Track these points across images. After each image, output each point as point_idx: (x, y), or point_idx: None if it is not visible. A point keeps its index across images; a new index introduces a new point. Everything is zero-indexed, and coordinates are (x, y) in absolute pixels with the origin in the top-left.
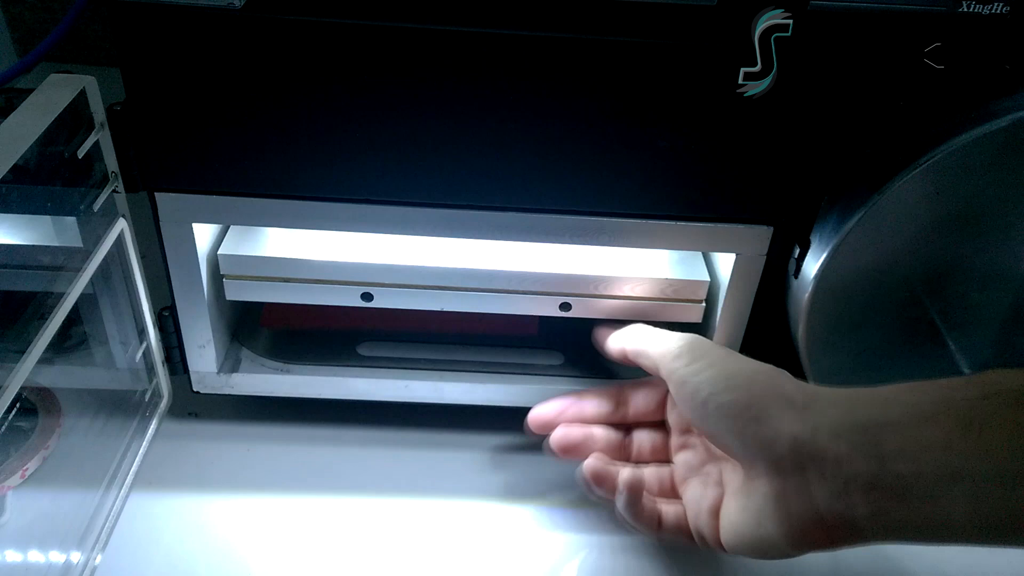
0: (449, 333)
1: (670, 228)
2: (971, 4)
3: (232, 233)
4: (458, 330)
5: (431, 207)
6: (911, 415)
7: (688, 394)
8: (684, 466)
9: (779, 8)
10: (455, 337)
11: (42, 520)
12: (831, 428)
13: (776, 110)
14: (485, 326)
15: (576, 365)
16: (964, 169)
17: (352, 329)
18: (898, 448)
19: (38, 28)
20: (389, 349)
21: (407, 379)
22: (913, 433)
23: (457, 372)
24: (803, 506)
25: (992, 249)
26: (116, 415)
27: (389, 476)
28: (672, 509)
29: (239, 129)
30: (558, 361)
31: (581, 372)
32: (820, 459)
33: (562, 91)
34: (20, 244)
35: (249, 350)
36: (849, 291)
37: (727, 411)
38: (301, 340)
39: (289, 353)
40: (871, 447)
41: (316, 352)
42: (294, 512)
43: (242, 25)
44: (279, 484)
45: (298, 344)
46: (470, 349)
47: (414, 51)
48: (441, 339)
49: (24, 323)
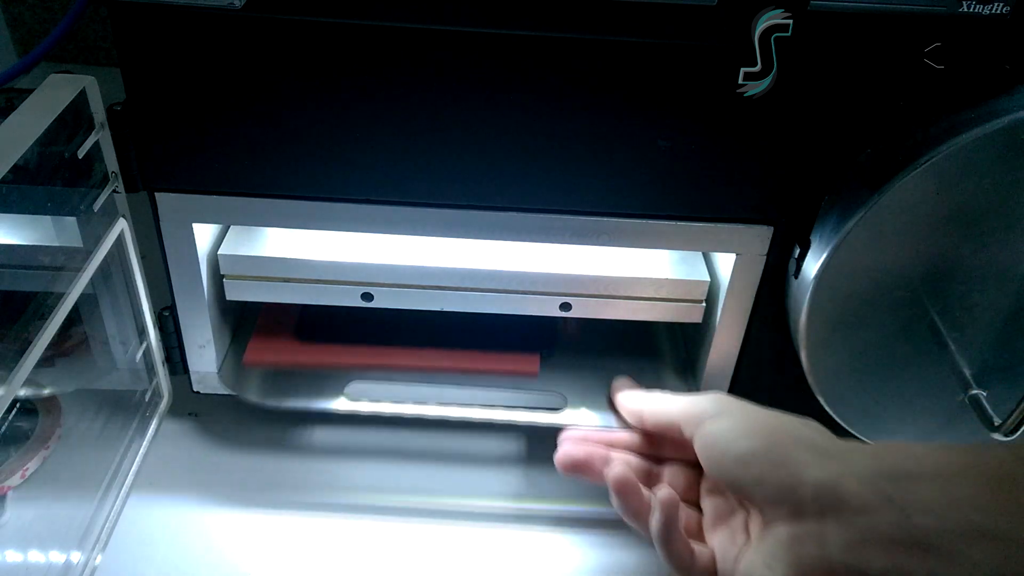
0: (442, 372)
1: (670, 228)
2: (971, 4)
3: (232, 233)
4: (452, 368)
5: (431, 207)
6: (941, 470)
7: (708, 444)
8: (713, 512)
9: (779, 8)
10: (448, 379)
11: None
12: (857, 476)
13: (776, 110)
14: (483, 364)
15: (581, 409)
16: (964, 169)
17: (338, 369)
18: (925, 502)
19: (38, 28)
20: (378, 391)
21: (396, 430)
22: (941, 488)
23: (450, 428)
24: (816, 553)
25: (992, 249)
26: (116, 415)
27: (390, 477)
28: (703, 551)
29: (239, 129)
30: (561, 405)
31: (588, 419)
32: (842, 506)
33: (562, 91)
34: (20, 244)
35: (231, 390)
36: (849, 291)
37: (747, 458)
38: (285, 379)
39: (272, 392)
40: (897, 498)
41: (301, 392)
42: (294, 512)
43: (242, 25)
44: (279, 484)
45: (281, 384)
46: (465, 391)
47: (414, 51)
48: (433, 388)
49: (24, 323)
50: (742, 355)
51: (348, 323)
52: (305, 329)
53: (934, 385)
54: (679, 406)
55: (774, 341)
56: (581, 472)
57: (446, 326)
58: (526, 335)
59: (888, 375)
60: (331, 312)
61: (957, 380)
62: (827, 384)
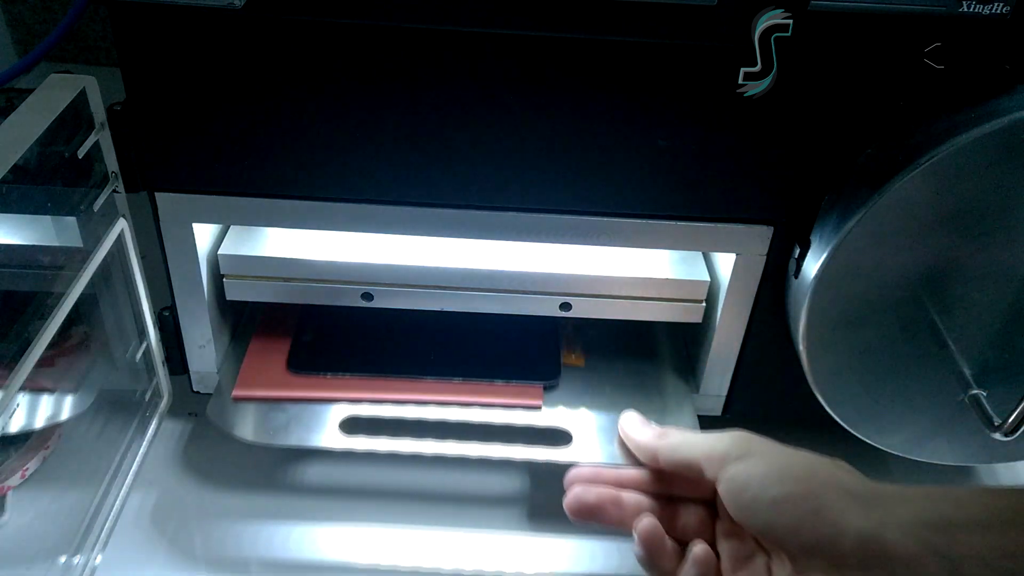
0: (442, 404)
1: (670, 228)
2: (971, 4)
3: (232, 233)
4: (452, 401)
5: (431, 207)
6: (989, 518)
7: (736, 490)
8: (731, 555)
9: (779, 8)
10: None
11: (42, 520)
12: (901, 525)
13: (776, 110)
14: (484, 396)
15: (589, 444)
16: (964, 169)
17: (332, 402)
18: (974, 552)
19: (38, 28)
20: (371, 428)
21: (392, 467)
22: (991, 538)
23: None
24: None
25: (992, 249)
26: (116, 415)
27: (393, 478)
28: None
29: (239, 129)
30: (567, 443)
31: (594, 454)
32: (887, 558)
33: (562, 91)
34: (20, 244)
35: (219, 425)
36: (849, 291)
37: (781, 504)
38: (277, 413)
39: (263, 428)
40: (944, 548)
41: (292, 429)
42: (294, 512)
43: (243, 25)
44: (279, 484)
45: (273, 419)
46: (461, 431)
47: (414, 51)
48: (426, 427)
49: (24, 323)
50: (742, 355)
51: (342, 353)
52: (297, 360)
53: (934, 385)
54: (699, 446)
55: (774, 341)
56: (593, 518)
57: (445, 356)
58: (528, 365)
59: (888, 375)
60: (324, 342)
61: (957, 380)
62: (827, 384)
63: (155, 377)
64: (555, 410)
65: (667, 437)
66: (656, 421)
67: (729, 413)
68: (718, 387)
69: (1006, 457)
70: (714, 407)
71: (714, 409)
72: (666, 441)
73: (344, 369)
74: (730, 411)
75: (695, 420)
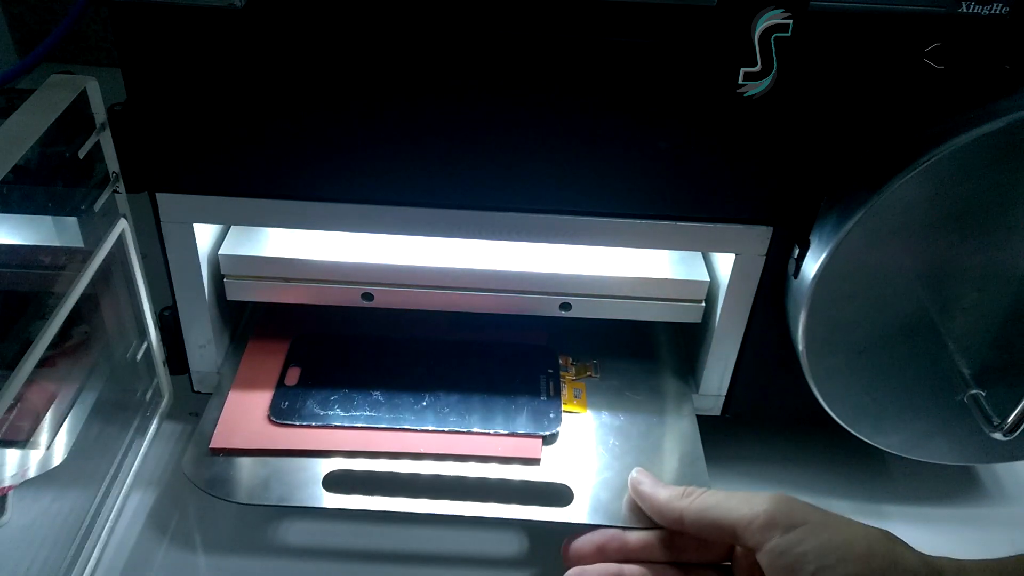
0: (435, 458)
1: (670, 228)
2: (971, 4)
3: (233, 233)
4: (446, 455)
5: (431, 208)
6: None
7: (789, 565)
8: None
9: (779, 8)
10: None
11: (42, 520)
12: None
13: (776, 110)
14: (480, 449)
15: (591, 503)
16: (964, 169)
17: (318, 456)
18: None
19: (39, 29)
20: (359, 488)
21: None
22: None
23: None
24: None
25: (992, 249)
26: (117, 415)
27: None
28: None
29: (240, 130)
30: (567, 502)
31: (595, 514)
32: None
33: (562, 92)
34: (21, 244)
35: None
36: (849, 291)
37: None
38: (257, 467)
39: (243, 485)
40: None
41: (274, 485)
42: (294, 511)
43: (244, 25)
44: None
45: (254, 474)
46: (456, 487)
47: (416, 52)
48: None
49: (24, 323)
50: (742, 355)
51: (328, 400)
52: (278, 410)
53: (933, 385)
54: (736, 510)
55: (774, 341)
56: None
57: (440, 401)
58: (527, 415)
59: (888, 375)
60: (309, 387)
61: (956, 380)
62: (827, 384)
63: (156, 377)
64: (555, 461)
65: (692, 497)
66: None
67: (729, 413)
68: (718, 387)
69: (1006, 457)
70: (714, 407)
71: (714, 409)
72: (693, 502)
73: (329, 421)
74: (730, 411)
75: (695, 420)
